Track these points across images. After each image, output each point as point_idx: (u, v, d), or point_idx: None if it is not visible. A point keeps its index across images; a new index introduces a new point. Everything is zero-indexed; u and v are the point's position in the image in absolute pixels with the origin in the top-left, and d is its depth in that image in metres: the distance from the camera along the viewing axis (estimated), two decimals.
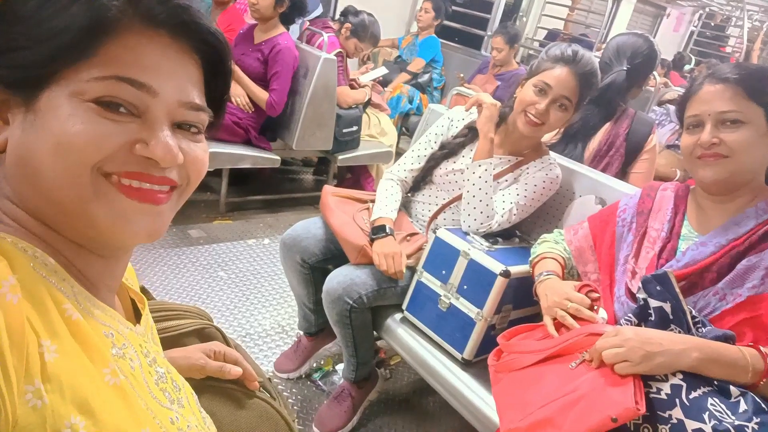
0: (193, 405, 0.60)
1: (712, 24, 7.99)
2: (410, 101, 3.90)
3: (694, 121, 1.03)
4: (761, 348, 0.89)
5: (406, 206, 1.72)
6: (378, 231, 1.51)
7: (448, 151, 1.60)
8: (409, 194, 1.71)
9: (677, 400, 0.85)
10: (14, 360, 0.37)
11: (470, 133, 1.60)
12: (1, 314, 0.37)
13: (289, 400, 1.72)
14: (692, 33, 8.00)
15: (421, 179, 1.67)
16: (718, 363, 0.88)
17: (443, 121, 1.66)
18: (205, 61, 0.52)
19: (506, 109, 1.55)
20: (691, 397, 0.85)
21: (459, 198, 1.55)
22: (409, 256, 1.53)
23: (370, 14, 3.12)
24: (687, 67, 6.20)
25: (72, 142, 0.43)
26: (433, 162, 1.62)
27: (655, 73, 4.04)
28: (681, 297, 0.95)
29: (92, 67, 0.44)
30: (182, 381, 0.61)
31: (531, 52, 5.00)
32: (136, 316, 0.60)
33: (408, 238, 1.57)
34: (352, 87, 3.10)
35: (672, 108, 3.09)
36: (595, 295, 1.09)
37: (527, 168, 1.54)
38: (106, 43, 0.44)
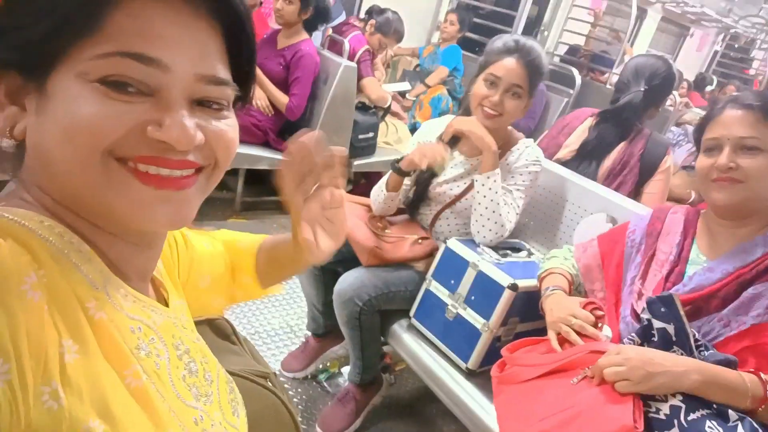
0: (223, 398, 0.58)
1: (736, 46, 7.92)
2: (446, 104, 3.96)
3: (713, 143, 1.05)
4: (762, 375, 0.90)
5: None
6: (396, 162, 1.54)
7: (432, 172, 1.61)
8: (411, 210, 1.74)
9: (675, 422, 0.86)
10: (32, 359, 0.36)
11: None
12: (22, 312, 0.36)
13: (294, 400, 1.74)
14: (715, 54, 7.94)
15: (419, 199, 1.68)
16: (718, 386, 0.89)
17: (419, 137, 1.67)
18: (225, 28, 0.46)
19: (463, 114, 1.59)
20: (689, 419, 0.86)
21: (452, 203, 1.60)
22: (419, 259, 1.56)
23: (394, 12, 3.19)
24: (708, 88, 6.15)
25: (78, 127, 0.40)
26: (422, 186, 1.64)
27: (675, 93, 4.04)
28: (685, 320, 0.96)
29: (97, 43, 0.40)
30: (217, 372, 0.58)
31: (551, 66, 5.00)
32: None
33: (419, 241, 1.60)
34: None
35: (690, 129, 3.08)
36: (599, 312, 1.10)
37: (506, 159, 1.56)
38: (110, 13, 0.40)
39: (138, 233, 0.49)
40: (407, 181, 1.64)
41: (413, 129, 3.50)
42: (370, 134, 3.04)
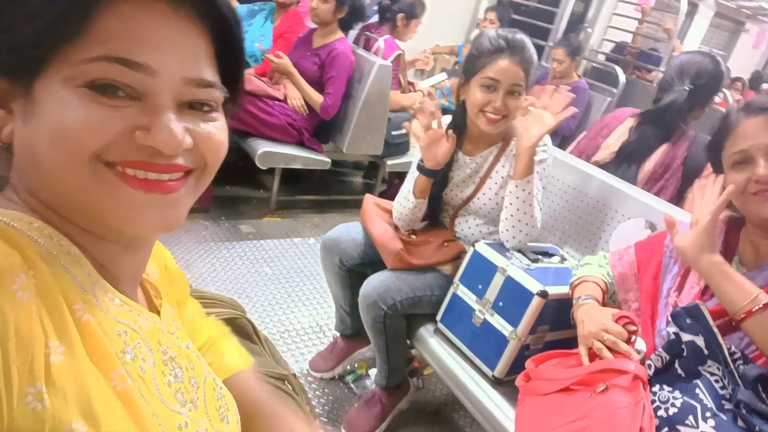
0: (210, 404, 0.58)
1: None
2: None
3: (740, 157, 0.99)
4: None
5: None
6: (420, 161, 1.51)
7: (441, 183, 1.58)
8: (433, 216, 1.71)
9: None
10: (18, 360, 0.36)
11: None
12: (11, 312, 0.36)
13: (321, 400, 1.75)
14: None
15: (437, 205, 1.66)
16: (726, 278, 0.94)
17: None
18: (213, 31, 0.46)
19: (459, 117, 1.54)
20: None
21: (464, 205, 1.58)
22: (445, 263, 1.54)
23: None
24: (765, 87, 5.85)
25: (66, 131, 0.40)
26: (436, 196, 1.60)
27: (727, 92, 3.85)
28: (716, 330, 0.91)
29: (84, 48, 0.40)
30: (204, 378, 0.58)
31: (595, 65, 4.84)
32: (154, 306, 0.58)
33: (445, 244, 1.57)
34: (409, 90, 3.13)
35: None
36: (632, 327, 1.05)
37: (511, 149, 1.52)
38: (97, 17, 0.40)
39: (127, 236, 0.49)
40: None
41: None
42: (403, 131, 3.03)
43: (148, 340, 0.50)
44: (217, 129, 0.48)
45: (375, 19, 3.31)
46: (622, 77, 3.76)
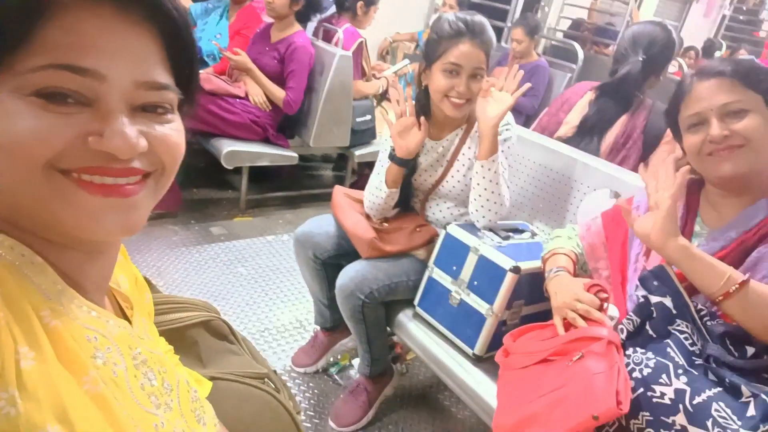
0: (185, 406, 0.58)
1: (745, 8, 7.70)
2: None
3: (696, 119, 1.02)
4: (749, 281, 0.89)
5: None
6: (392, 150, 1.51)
7: (410, 169, 1.58)
8: (404, 203, 1.71)
9: (681, 406, 0.84)
10: None
11: None
12: None
13: (306, 394, 1.74)
14: (724, 18, 7.73)
15: (408, 195, 1.66)
16: (695, 260, 0.93)
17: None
18: (164, 33, 0.46)
19: (423, 102, 1.53)
20: (695, 402, 0.84)
21: (433, 189, 1.59)
22: (419, 247, 1.55)
23: None
24: (717, 54, 6.01)
25: (17, 143, 0.40)
26: (406, 182, 1.60)
27: (682, 61, 3.94)
28: (682, 290, 0.93)
29: (30, 57, 0.40)
30: (177, 380, 0.58)
31: (554, 42, 4.89)
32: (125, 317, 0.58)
33: (418, 229, 1.58)
34: (373, 77, 3.13)
35: None
36: (603, 295, 1.08)
37: (475, 128, 1.52)
38: (41, 26, 0.40)
39: (89, 243, 0.48)
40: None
41: None
42: (368, 117, 3.02)
43: (119, 345, 0.50)
44: (172, 130, 0.48)
45: (333, 10, 3.28)
46: (580, 53, 3.81)
